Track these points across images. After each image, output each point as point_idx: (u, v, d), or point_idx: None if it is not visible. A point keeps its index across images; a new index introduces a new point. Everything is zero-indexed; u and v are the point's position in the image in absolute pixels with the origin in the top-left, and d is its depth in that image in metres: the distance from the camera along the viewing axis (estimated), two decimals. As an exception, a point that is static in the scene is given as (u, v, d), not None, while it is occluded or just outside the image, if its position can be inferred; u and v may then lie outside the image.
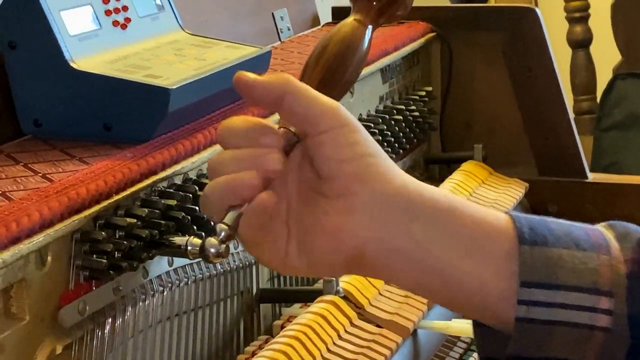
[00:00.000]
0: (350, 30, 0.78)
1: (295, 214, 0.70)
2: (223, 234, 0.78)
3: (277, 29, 1.50)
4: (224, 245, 0.81)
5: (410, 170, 1.49)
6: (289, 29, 1.52)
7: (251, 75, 0.69)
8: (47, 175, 0.87)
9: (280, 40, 1.49)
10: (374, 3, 0.79)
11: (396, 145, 1.37)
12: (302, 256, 0.69)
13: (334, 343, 0.97)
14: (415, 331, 1.06)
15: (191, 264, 0.97)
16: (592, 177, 1.54)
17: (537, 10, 1.52)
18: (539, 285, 0.67)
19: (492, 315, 0.69)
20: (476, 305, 0.69)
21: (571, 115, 1.57)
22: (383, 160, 0.69)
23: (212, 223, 0.93)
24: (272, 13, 1.50)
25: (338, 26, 0.79)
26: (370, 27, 0.79)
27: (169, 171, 0.93)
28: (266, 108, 0.72)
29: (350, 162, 0.68)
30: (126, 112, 0.95)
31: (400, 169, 0.70)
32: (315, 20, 1.62)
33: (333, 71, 0.76)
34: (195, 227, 0.92)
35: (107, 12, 1.03)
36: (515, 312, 0.67)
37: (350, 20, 0.79)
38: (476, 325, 0.71)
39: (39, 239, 0.77)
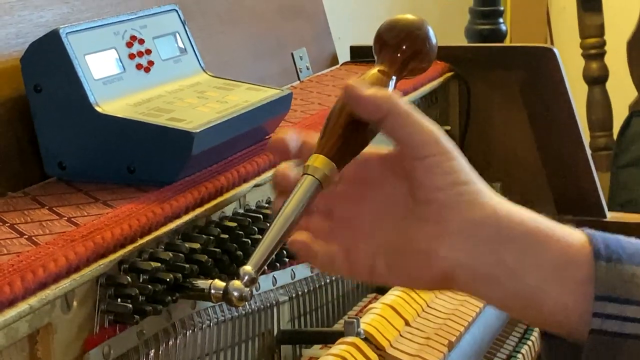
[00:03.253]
0: (374, 82, 0.79)
1: (385, 231, 0.73)
2: (247, 277, 0.79)
3: (296, 68, 1.51)
4: (247, 289, 0.82)
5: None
6: (308, 69, 1.54)
7: (362, 88, 0.73)
8: (72, 219, 0.87)
9: (299, 79, 1.50)
10: (398, 55, 0.80)
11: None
12: (391, 271, 0.73)
13: (356, 385, 0.98)
14: (436, 373, 1.06)
15: (213, 306, 0.97)
16: (610, 216, 1.54)
17: (555, 49, 1.53)
18: (613, 299, 0.70)
19: (568, 331, 0.72)
20: (554, 323, 0.72)
21: (588, 152, 1.57)
22: (476, 187, 0.72)
23: (235, 266, 0.94)
24: (292, 53, 1.51)
25: (362, 76, 0.80)
26: (394, 78, 0.80)
27: (192, 214, 0.94)
28: (367, 121, 0.74)
29: (443, 190, 0.71)
30: (150, 155, 0.96)
31: (492, 193, 0.73)
32: (334, 60, 1.64)
33: (356, 122, 0.77)
34: (217, 270, 0.92)
35: (131, 56, 1.04)
36: (590, 325, 0.70)
37: (374, 71, 0.79)
38: (546, 335, 0.74)
39: (65, 284, 0.78)
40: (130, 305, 0.83)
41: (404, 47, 0.80)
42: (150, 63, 1.06)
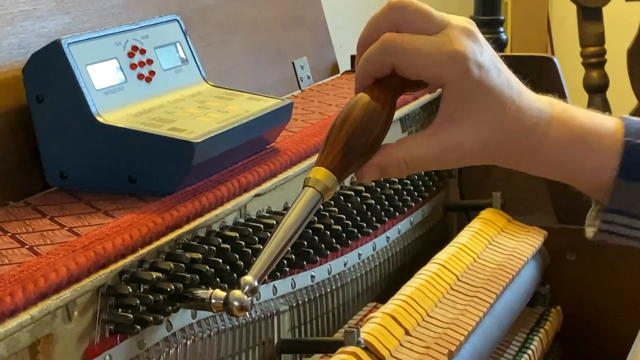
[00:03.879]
0: (376, 95, 0.79)
1: None
2: (247, 287, 0.79)
3: (297, 77, 1.51)
4: (248, 299, 0.83)
5: (428, 218, 1.49)
6: (309, 77, 1.54)
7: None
8: (74, 229, 0.88)
9: (300, 88, 1.51)
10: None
11: (415, 193, 1.38)
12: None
13: (356, 395, 0.98)
14: (436, 382, 1.07)
15: (214, 316, 0.97)
16: (610, 225, 1.54)
17: (555, 59, 1.53)
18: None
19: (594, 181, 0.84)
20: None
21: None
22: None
23: (236, 276, 0.94)
24: (293, 62, 1.51)
25: (364, 90, 0.80)
26: (394, 91, 0.80)
27: (192, 224, 0.94)
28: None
29: None
30: (151, 165, 0.97)
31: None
32: (335, 69, 1.64)
33: (358, 135, 0.77)
34: (218, 280, 0.93)
35: (132, 66, 1.04)
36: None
37: (376, 84, 0.80)
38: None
39: (66, 294, 0.78)
40: (131, 315, 0.83)
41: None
42: (152, 73, 1.06)
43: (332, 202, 1.16)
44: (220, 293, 0.87)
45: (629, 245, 0.87)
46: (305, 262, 1.10)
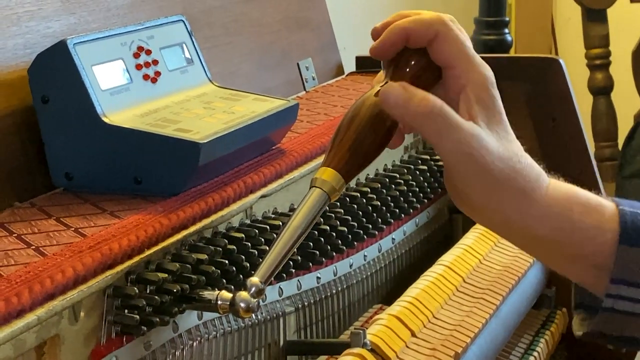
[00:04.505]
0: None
1: None
2: (254, 288, 0.79)
3: (302, 78, 1.51)
4: (254, 300, 0.82)
5: (433, 220, 1.49)
6: (313, 79, 1.54)
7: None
8: (79, 230, 0.87)
9: (305, 89, 1.50)
10: (407, 70, 0.80)
11: (421, 195, 1.38)
12: None
13: (362, 397, 0.97)
14: (442, 384, 1.06)
15: (220, 317, 0.97)
16: (616, 226, 1.53)
17: (561, 60, 1.53)
18: (628, 283, 0.78)
19: (589, 288, 0.83)
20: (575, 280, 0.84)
21: (594, 163, 1.57)
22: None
23: (242, 277, 0.94)
24: (297, 63, 1.51)
25: (371, 90, 0.80)
26: None
27: (198, 225, 0.94)
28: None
29: None
30: (156, 166, 0.96)
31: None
32: (340, 70, 1.64)
33: (365, 135, 0.77)
34: (224, 281, 0.92)
35: (138, 66, 1.04)
36: (602, 303, 0.79)
37: (383, 84, 0.80)
38: None
39: (72, 295, 0.78)
40: (138, 317, 0.83)
41: (413, 62, 0.80)
42: (157, 74, 1.06)
43: (338, 204, 1.15)
44: (226, 294, 0.87)
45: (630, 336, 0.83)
46: (311, 264, 1.10)
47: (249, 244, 0.97)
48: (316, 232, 1.09)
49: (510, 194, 0.80)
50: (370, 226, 1.21)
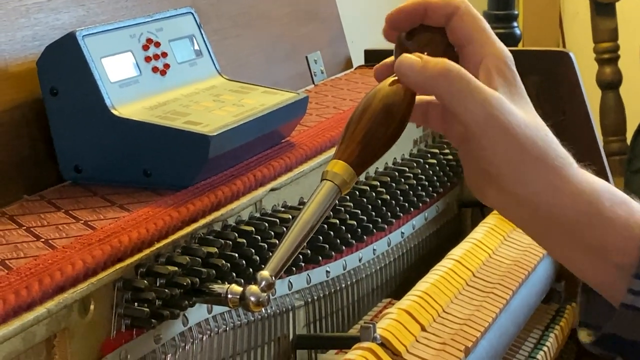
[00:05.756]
0: (395, 88, 0.78)
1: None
2: (264, 282, 0.78)
3: (310, 72, 1.50)
4: (264, 294, 0.82)
5: (442, 214, 1.48)
6: (322, 72, 1.53)
7: None
8: (89, 223, 0.87)
9: (313, 83, 1.50)
10: (422, 48, 0.79)
11: (430, 189, 1.37)
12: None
13: (372, 391, 0.97)
14: (453, 379, 1.06)
15: (229, 311, 0.97)
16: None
17: (571, 54, 1.52)
18: None
19: (603, 290, 0.78)
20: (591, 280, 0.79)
21: (603, 157, 1.56)
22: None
23: (252, 270, 0.94)
24: (306, 56, 1.50)
25: (383, 82, 0.79)
26: None
27: (208, 218, 0.93)
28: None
29: None
30: (166, 159, 0.96)
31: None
32: (348, 63, 1.63)
33: (376, 128, 0.76)
34: (234, 275, 0.92)
35: (147, 59, 1.03)
36: (622, 299, 0.75)
37: (395, 77, 0.79)
38: (584, 291, 0.81)
39: (82, 288, 0.77)
40: (147, 310, 0.82)
41: (426, 53, 0.79)
42: (166, 66, 1.05)
43: (348, 197, 1.15)
44: (236, 288, 0.86)
45: None
46: (320, 257, 1.09)
47: (259, 238, 0.96)
48: (326, 226, 1.08)
49: (541, 167, 0.76)
50: (380, 220, 1.21)
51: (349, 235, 1.13)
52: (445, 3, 0.79)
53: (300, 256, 1.04)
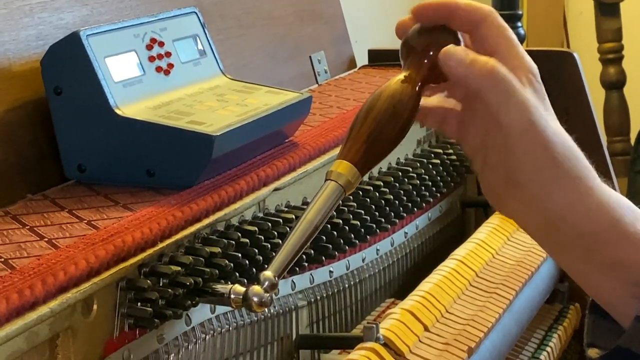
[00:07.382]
0: (400, 87, 0.78)
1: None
2: (267, 283, 0.78)
3: (314, 71, 1.50)
4: (267, 294, 0.82)
5: (446, 214, 1.48)
6: (326, 72, 1.53)
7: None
8: (92, 222, 0.87)
9: (317, 83, 1.50)
10: (425, 61, 0.79)
11: (433, 189, 1.37)
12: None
13: (375, 391, 0.97)
14: (456, 379, 1.06)
15: (232, 311, 0.97)
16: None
17: (575, 54, 1.52)
18: None
19: (613, 307, 0.77)
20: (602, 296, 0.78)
21: (607, 157, 1.56)
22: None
23: (255, 270, 0.94)
24: (310, 56, 1.50)
25: (389, 82, 0.79)
26: (420, 84, 0.79)
27: (212, 218, 0.93)
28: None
29: None
30: (170, 159, 0.96)
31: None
32: (352, 63, 1.63)
33: (381, 127, 0.76)
34: (237, 275, 0.92)
35: (151, 58, 1.03)
36: (636, 311, 0.74)
37: (401, 76, 0.79)
38: (592, 311, 0.80)
39: (85, 288, 0.77)
40: (151, 309, 0.82)
41: (431, 52, 0.79)
42: (170, 66, 1.05)
43: (351, 197, 1.15)
44: (239, 288, 0.86)
45: None
46: (323, 257, 1.09)
47: (262, 238, 0.96)
48: (329, 226, 1.08)
49: (570, 178, 0.76)
50: (383, 220, 1.21)
51: (352, 235, 1.13)
52: (473, 9, 0.79)
53: (304, 256, 1.04)
